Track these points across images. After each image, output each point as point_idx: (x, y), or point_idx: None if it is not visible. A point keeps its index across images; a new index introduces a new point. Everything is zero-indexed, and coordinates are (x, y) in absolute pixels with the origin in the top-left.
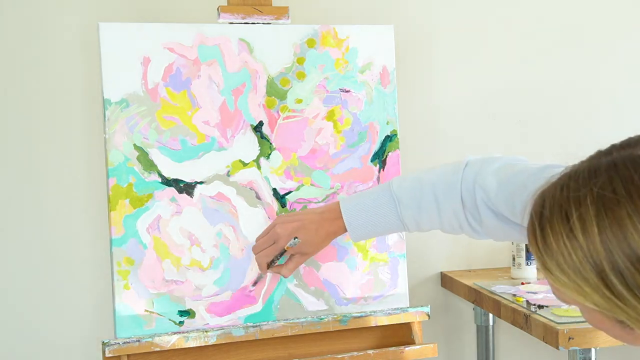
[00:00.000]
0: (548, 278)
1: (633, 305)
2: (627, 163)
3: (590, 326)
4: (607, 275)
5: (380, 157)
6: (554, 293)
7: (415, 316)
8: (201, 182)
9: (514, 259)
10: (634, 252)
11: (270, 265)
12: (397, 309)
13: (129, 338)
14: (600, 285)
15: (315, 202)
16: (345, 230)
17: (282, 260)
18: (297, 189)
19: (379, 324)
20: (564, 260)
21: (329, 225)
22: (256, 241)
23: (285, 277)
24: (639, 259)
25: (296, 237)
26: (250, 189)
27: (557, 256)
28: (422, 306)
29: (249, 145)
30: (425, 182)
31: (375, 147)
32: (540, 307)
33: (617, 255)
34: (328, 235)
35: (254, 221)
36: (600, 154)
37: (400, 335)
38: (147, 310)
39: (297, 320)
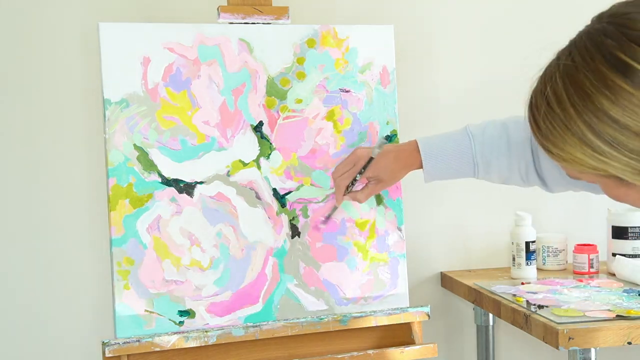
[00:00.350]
0: (553, 159)
1: (615, 157)
2: (583, 35)
3: (590, 326)
4: (585, 135)
5: None
6: (568, 174)
7: (415, 316)
8: (201, 182)
9: (514, 259)
10: (599, 109)
11: (346, 191)
12: (397, 309)
13: (129, 338)
14: (585, 148)
15: (316, 202)
16: (421, 166)
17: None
18: (297, 189)
19: (379, 324)
20: (553, 136)
21: (407, 156)
22: (335, 167)
23: (360, 201)
24: (606, 114)
25: (372, 157)
26: (250, 189)
27: (548, 135)
28: (422, 306)
29: (249, 145)
30: (498, 124)
31: None
32: (540, 307)
33: (587, 116)
34: (405, 165)
35: (254, 221)
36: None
37: (400, 335)
38: (147, 310)
39: (297, 320)
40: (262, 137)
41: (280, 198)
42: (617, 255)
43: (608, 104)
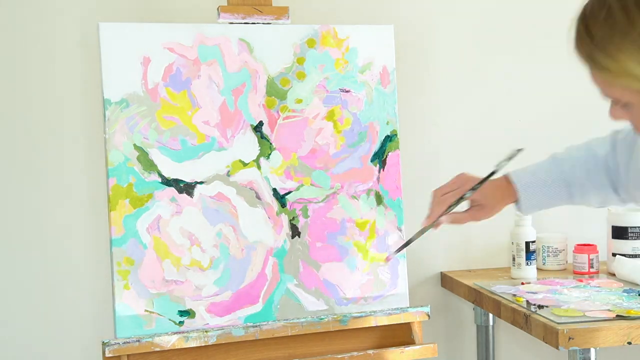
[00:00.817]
0: (599, 75)
1: None
2: None
3: (590, 326)
4: None
5: (380, 157)
6: (609, 97)
7: (415, 316)
8: (201, 182)
9: (514, 259)
10: None
11: (447, 210)
12: (397, 309)
13: (129, 338)
14: None
15: (316, 202)
16: (514, 200)
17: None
18: (297, 189)
19: (379, 324)
20: (608, 44)
21: (505, 187)
22: (439, 187)
23: (460, 222)
24: None
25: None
26: (250, 189)
27: (604, 42)
28: (422, 306)
29: (249, 145)
30: (579, 145)
31: (375, 147)
32: (540, 307)
33: None
34: (504, 197)
35: (254, 221)
36: None
37: (400, 335)
38: (147, 310)
39: (297, 320)
40: (262, 137)
41: (281, 198)
42: (617, 255)
43: None
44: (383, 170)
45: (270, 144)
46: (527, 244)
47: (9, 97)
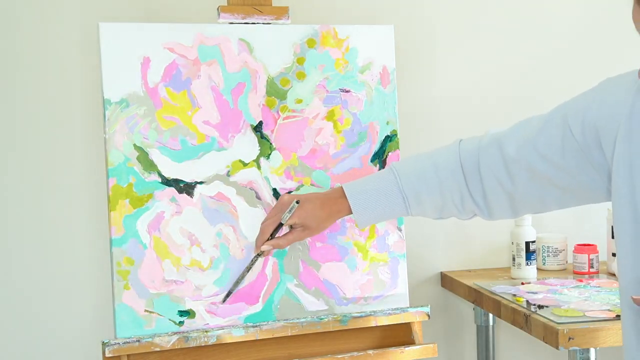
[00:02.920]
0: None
1: None
2: None
3: (590, 326)
4: None
5: (380, 157)
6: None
7: (415, 316)
8: (201, 182)
9: (514, 259)
10: None
11: (270, 238)
12: (397, 309)
13: (129, 338)
14: None
15: None
16: (350, 212)
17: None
18: (297, 189)
19: (379, 324)
20: None
21: (333, 202)
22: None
23: (281, 247)
24: None
25: (297, 201)
26: (250, 189)
27: None
28: (422, 306)
29: (249, 145)
30: (423, 155)
31: (376, 147)
32: (540, 307)
33: None
34: (332, 213)
35: (254, 221)
36: None
37: (400, 335)
38: (147, 310)
39: (297, 321)
40: (262, 137)
41: None
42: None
43: None
44: None
45: (270, 144)
46: (527, 244)
47: (9, 98)
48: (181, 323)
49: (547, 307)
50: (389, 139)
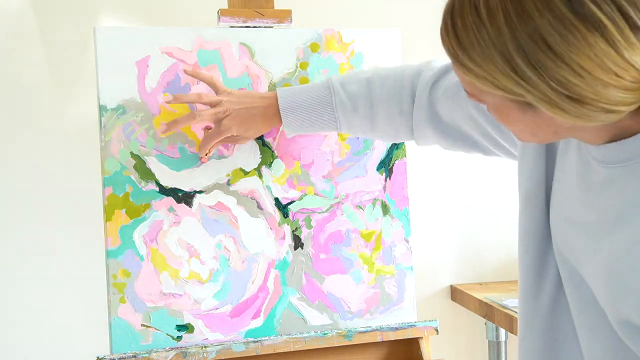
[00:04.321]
0: (461, 72)
1: (536, 84)
2: None
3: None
4: (512, 57)
5: (386, 166)
6: (467, 93)
7: (424, 331)
8: (200, 192)
9: None
10: (534, 30)
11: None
12: (405, 323)
13: (124, 353)
14: (506, 67)
15: (319, 212)
16: (280, 121)
17: None
18: (300, 198)
19: (386, 339)
20: (473, 50)
21: (272, 113)
22: None
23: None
24: (540, 36)
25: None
26: (252, 198)
27: (468, 48)
28: (430, 321)
29: (250, 154)
30: (361, 75)
31: (382, 155)
32: None
33: (520, 34)
34: (265, 120)
35: (255, 232)
36: None
37: (408, 351)
38: (144, 325)
39: (300, 336)
40: (263, 145)
41: (283, 208)
42: None
43: (548, 29)
44: (389, 179)
45: (272, 152)
46: None
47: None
48: (179, 338)
49: None
50: (396, 146)
